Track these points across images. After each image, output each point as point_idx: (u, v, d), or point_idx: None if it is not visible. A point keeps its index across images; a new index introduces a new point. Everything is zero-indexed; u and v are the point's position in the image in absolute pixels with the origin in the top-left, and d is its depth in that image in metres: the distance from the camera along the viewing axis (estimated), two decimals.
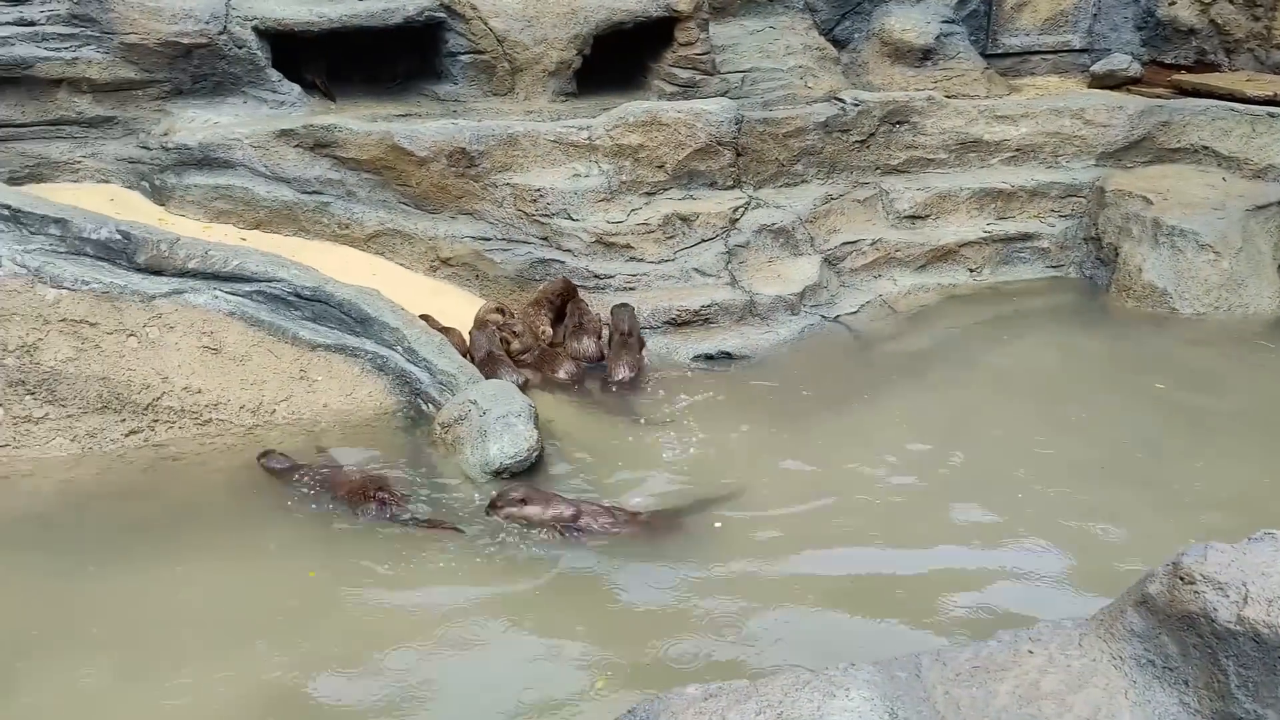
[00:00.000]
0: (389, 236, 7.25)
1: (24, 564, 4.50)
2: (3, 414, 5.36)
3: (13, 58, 6.75)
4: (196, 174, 7.13)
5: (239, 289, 5.91)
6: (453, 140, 7.10)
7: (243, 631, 4.09)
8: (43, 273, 5.62)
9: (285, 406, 5.73)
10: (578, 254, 7.09)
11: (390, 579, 4.45)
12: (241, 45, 7.22)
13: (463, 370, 5.87)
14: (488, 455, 5.12)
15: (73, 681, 3.79)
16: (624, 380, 6.33)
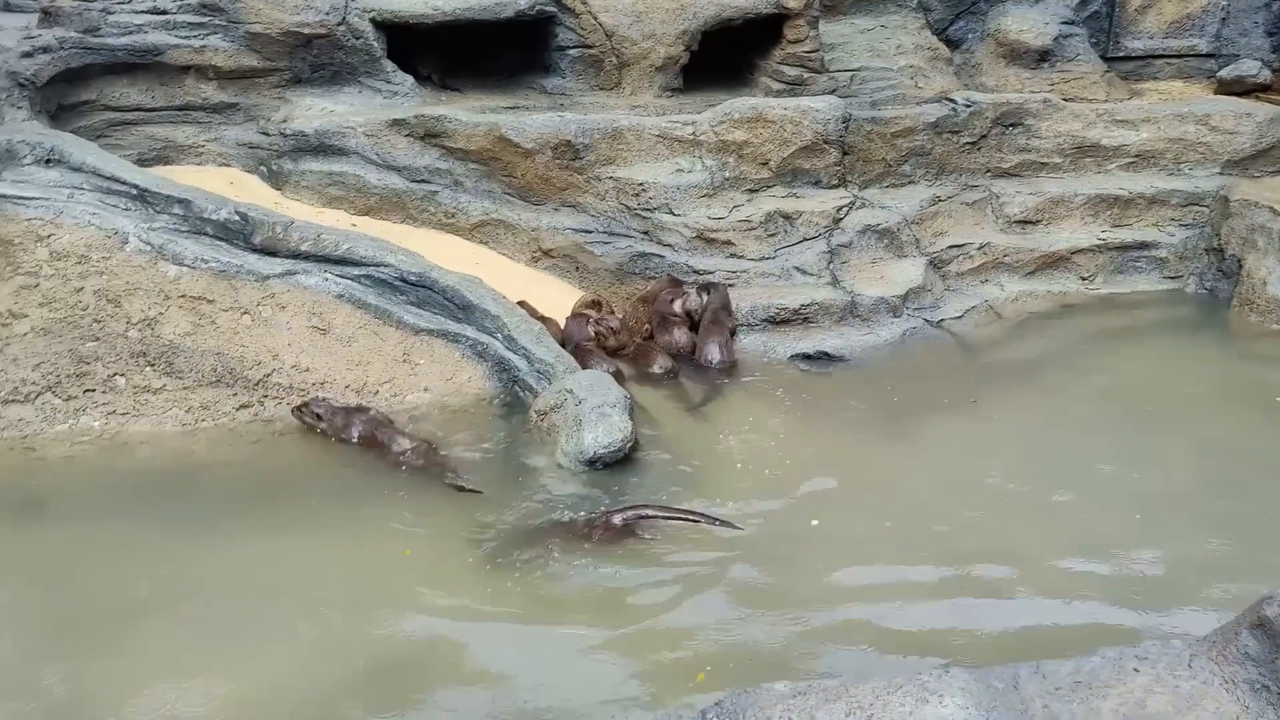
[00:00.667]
0: (493, 226, 7.36)
1: (137, 529, 4.68)
2: (124, 383, 5.61)
3: (145, 45, 7.06)
4: (312, 160, 7.35)
5: (348, 272, 6.08)
6: (558, 133, 7.17)
7: (339, 605, 4.18)
8: (166, 250, 5.87)
9: (388, 388, 5.87)
10: (678, 249, 7.08)
11: (484, 561, 4.51)
12: (359, 36, 7.41)
13: (560, 359, 5.93)
14: (582, 444, 5.15)
15: (174, 642, 3.93)
16: (718, 362, 6.31)
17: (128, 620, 4.05)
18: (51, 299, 5.66)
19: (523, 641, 4.00)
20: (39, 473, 5.09)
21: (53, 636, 3.93)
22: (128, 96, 7.21)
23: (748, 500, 4.96)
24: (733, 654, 3.90)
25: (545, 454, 5.31)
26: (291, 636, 3.99)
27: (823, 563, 4.48)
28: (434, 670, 3.84)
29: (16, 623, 4.02)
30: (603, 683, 3.77)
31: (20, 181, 5.85)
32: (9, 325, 5.57)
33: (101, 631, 3.96)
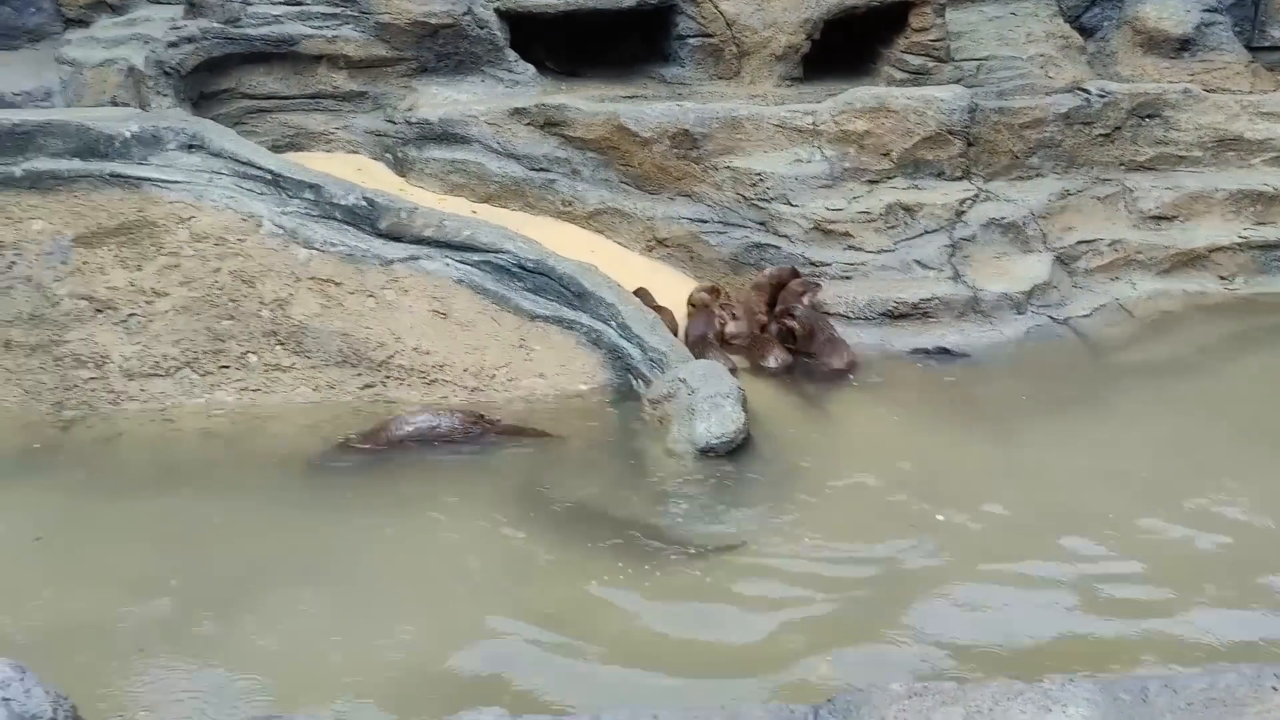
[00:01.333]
0: (609, 215, 7.41)
1: (263, 501, 4.88)
2: (256, 360, 5.85)
3: (282, 35, 7.32)
4: (435, 148, 7.52)
5: (468, 258, 6.20)
6: (676, 122, 7.17)
7: (453, 585, 4.27)
8: (297, 234, 6.08)
9: (504, 372, 5.98)
10: (794, 240, 7.02)
11: (598, 545, 4.56)
12: (483, 26, 7.55)
13: (674, 349, 5.94)
14: (694, 434, 5.16)
15: (293, 613, 4.07)
16: (844, 367, 6.25)
17: (248, 585, 4.22)
18: (191, 278, 5.93)
19: (636, 625, 4.03)
20: (177, 444, 5.36)
21: (188, 603, 4.12)
22: (264, 85, 7.49)
23: (863, 499, 4.89)
24: (846, 655, 3.85)
25: (657, 442, 5.34)
26: (402, 614, 4.08)
27: (942, 565, 4.37)
28: (547, 654, 3.89)
29: (155, 590, 4.23)
30: (719, 666, 3.77)
31: (165, 166, 6.13)
32: (152, 303, 5.86)
33: (235, 599, 4.14)
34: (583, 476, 5.07)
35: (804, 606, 4.13)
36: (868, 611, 4.09)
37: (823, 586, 4.25)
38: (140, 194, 6.00)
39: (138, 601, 4.08)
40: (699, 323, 6.44)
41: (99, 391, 5.67)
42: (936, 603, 4.14)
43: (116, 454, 5.23)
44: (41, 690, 2.66)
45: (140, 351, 5.76)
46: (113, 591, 4.14)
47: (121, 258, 5.92)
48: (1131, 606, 4.13)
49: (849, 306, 6.72)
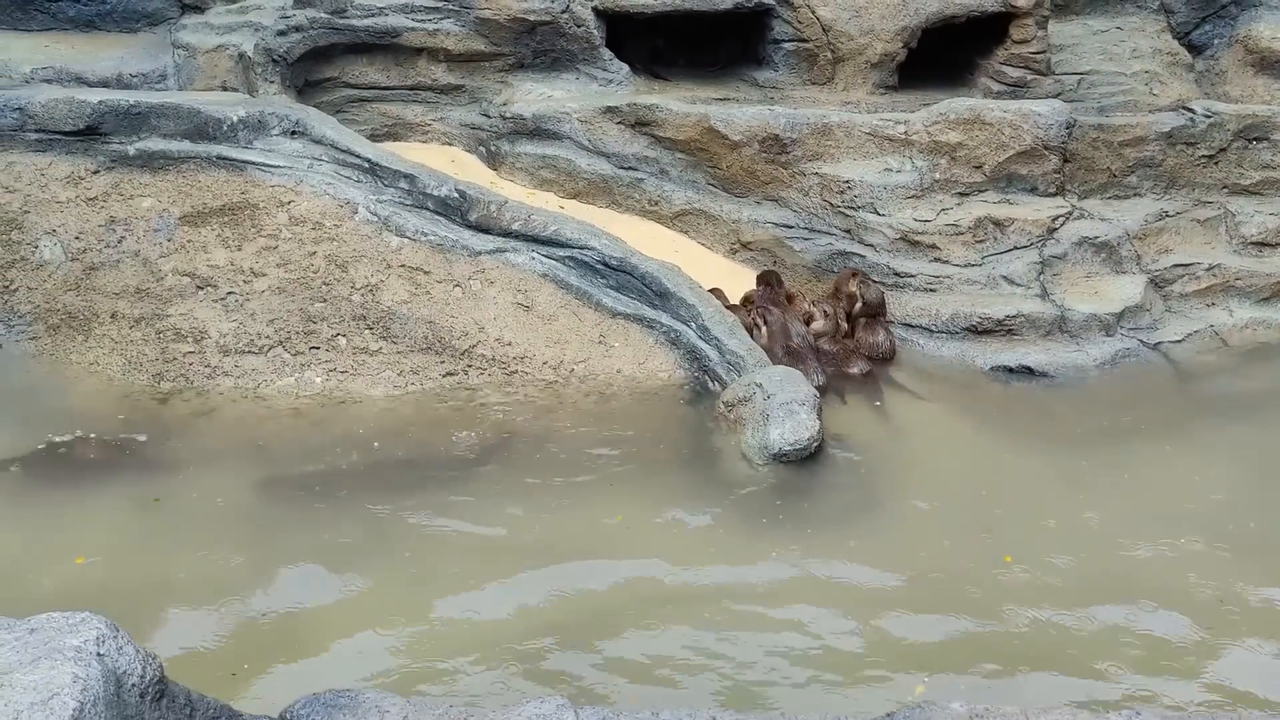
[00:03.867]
0: (694, 216, 7.44)
1: (345, 480, 5.04)
2: (345, 343, 6.03)
3: (386, 27, 7.51)
4: (527, 143, 7.63)
5: (554, 253, 6.31)
6: (767, 126, 7.17)
7: (538, 568, 4.37)
8: (390, 222, 6.25)
9: (583, 367, 6.06)
10: (879, 250, 6.97)
11: (693, 533, 4.62)
12: (580, 24, 7.64)
13: (751, 352, 5.96)
14: (768, 439, 5.18)
15: (375, 591, 4.21)
16: (864, 371, 6.24)
17: (352, 564, 4.37)
18: (287, 261, 6.13)
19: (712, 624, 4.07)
20: (267, 421, 5.56)
21: (265, 571, 4.29)
22: (366, 75, 7.69)
23: (935, 521, 4.83)
24: (914, 677, 3.84)
25: (731, 445, 5.37)
26: (483, 594, 4.20)
27: (1014, 599, 4.28)
28: (628, 642, 3.96)
29: (236, 555, 4.41)
30: (795, 668, 3.79)
31: (269, 150, 6.36)
32: (250, 282, 6.09)
33: (307, 567, 4.30)
34: (654, 476, 5.12)
35: (866, 622, 4.12)
36: (927, 632, 4.06)
37: (885, 603, 4.23)
38: (244, 176, 6.24)
39: (228, 566, 4.26)
40: (792, 329, 6.40)
41: (196, 365, 5.91)
42: (991, 626, 4.09)
43: (210, 427, 5.44)
44: (132, 648, 2.80)
45: (236, 329, 5.99)
46: (202, 556, 4.33)
47: (223, 237, 6.16)
48: (1191, 650, 4.03)
49: (931, 319, 6.65)
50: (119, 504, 4.72)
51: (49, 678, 2.56)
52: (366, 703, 3.03)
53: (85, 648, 2.68)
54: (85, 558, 4.28)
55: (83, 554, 4.30)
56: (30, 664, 2.60)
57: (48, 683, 2.54)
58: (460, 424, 5.57)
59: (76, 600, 2.99)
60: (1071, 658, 3.93)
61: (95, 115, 6.21)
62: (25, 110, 6.19)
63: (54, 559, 4.29)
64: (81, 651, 2.66)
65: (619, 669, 3.81)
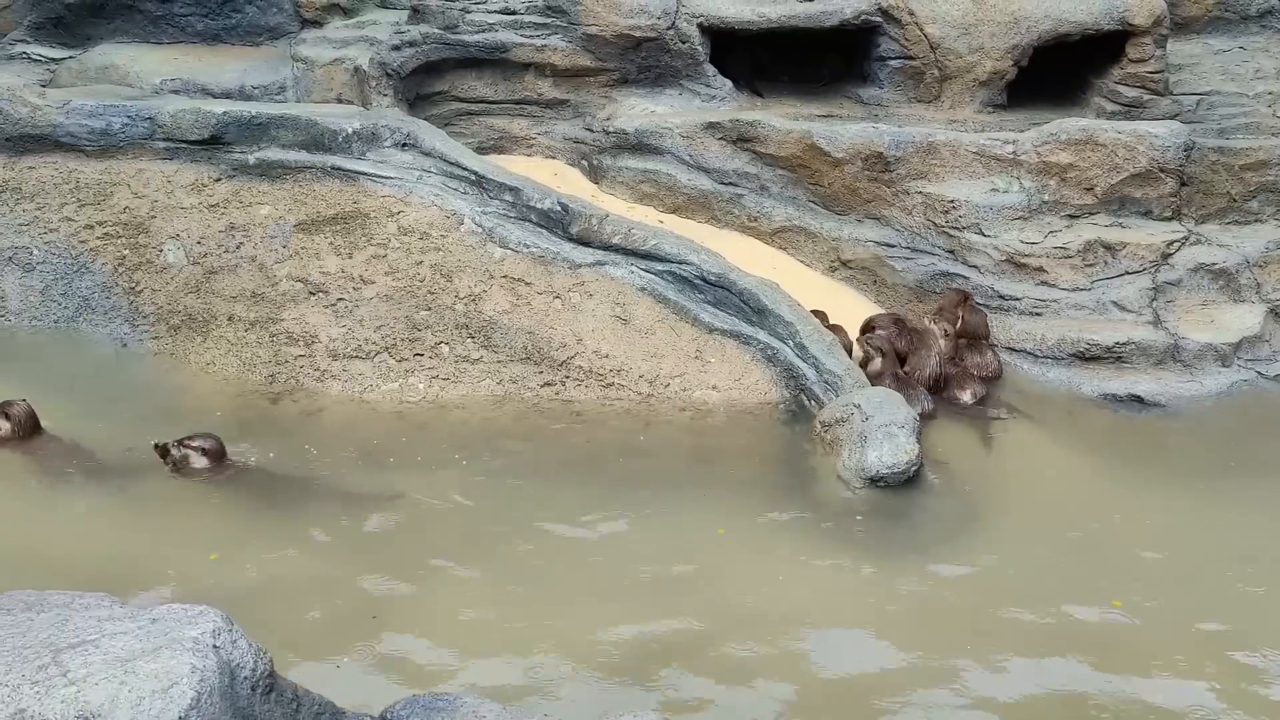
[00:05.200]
0: (793, 233, 7.42)
1: (443, 482, 5.16)
2: (447, 351, 6.16)
3: (495, 42, 7.67)
4: (629, 158, 7.71)
5: (653, 267, 6.36)
6: (871, 144, 7.12)
7: (632, 581, 4.41)
8: (494, 233, 6.37)
9: (679, 382, 6.09)
10: (984, 271, 6.85)
11: (787, 554, 4.62)
12: (685, 40, 7.69)
13: (849, 373, 5.91)
14: (865, 461, 5.13)
15: (460, 590, 4.30)
16: (979, 396, 6.13)
17: (432, 559, 4.48)
18: (395, 269, 6.30)
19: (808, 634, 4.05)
20: (371, 423, 5.72)
21: (368, 570, 4.41)
22: (474, 89, 7.86)
23: (1039, 556, 4.68)
24: None
25: (826, 465, 5.33)
26: (574, 605, 4.24)
27: (1123, 652, 4.05)
28: (726, 656, 3.96)
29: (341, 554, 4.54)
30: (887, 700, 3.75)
31: (380, 162, 6.55)
32: (359, 289, 6.27)
33: (409, 569, 4.41)
34: (747, 494, 5.11)
35: (956, 660, 4.02)
36: (1019, 682, 3.91)
37: (980, 643, 4.11)
38: (356, 187, 6.44)
39: (333, 564, 4.40)
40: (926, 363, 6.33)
41: (306, 369, 6.12)
42: (1091, 682, 3.91)
43: (317, 427, 5.62)
44: (245, 642, 2.91)
45: (345, 334, 6.18)
46: (310, 554, 4.48)
47: (335, 245, 6.36)
48: None
49: (1037, 344, 6.51)
50: (238, 502, 4.91)
51: (169, 667, 2.68)
52: (464, 708, 3.09)
53: (202, 639, 2.80)
54: (217, 553, 4.46)
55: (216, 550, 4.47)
56: (152, 652, 2.72)
57: (168, 671, 2.66)
58: (557, 434, 5.64)
59: (201, 593, 3.11)
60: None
61: (219, 125, 6.48)
62: (155, 120, 6.50)
63: (186, 552, 4.47)
64: (199, 643, 2.78)
65: (711, 685, 3.81)
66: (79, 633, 2.81)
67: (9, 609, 2.92)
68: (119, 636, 2.79)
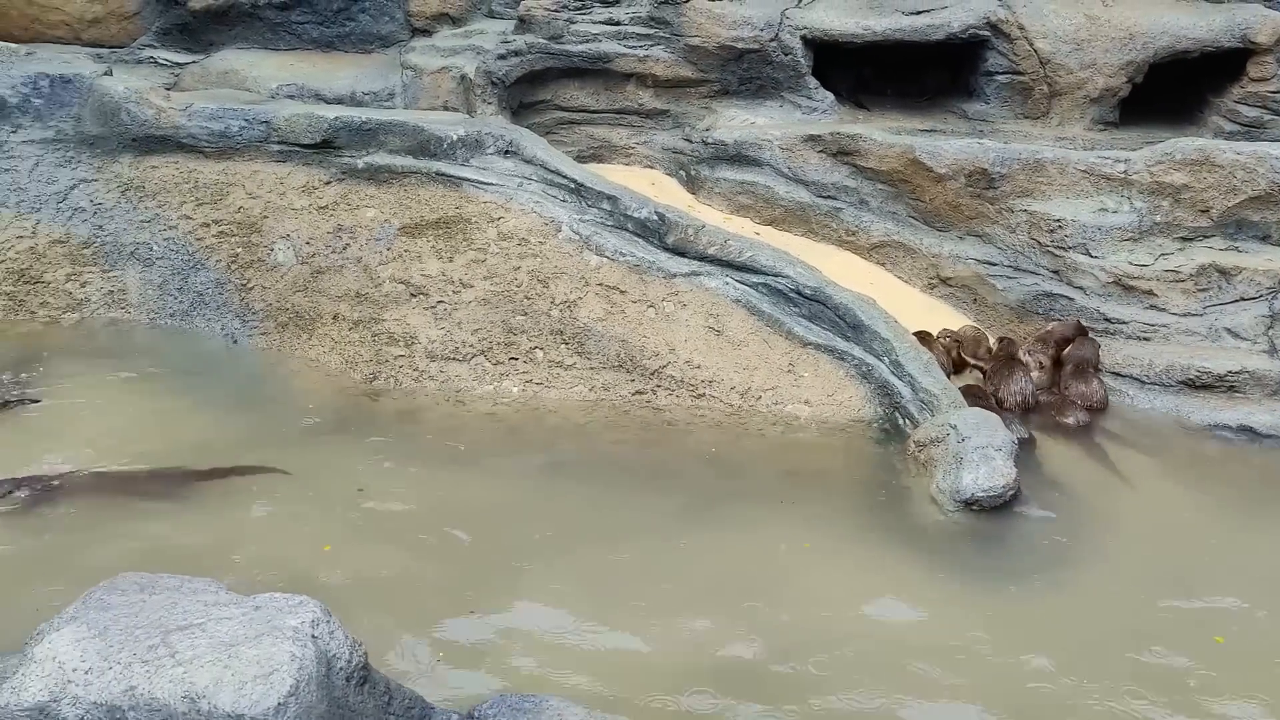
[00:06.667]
0: (892, 248, 7.32)
1: (537, 486, 5.22)
2: (541, 356, 6.25)
3: (598, 52, 7.76)
4: (727, 168, 7.71)
5: (748, 279, 6.34)
6: (975, 160, 6.98)
7: (718, 593, 4.39)
8: (591, 241, 6.44)
9: (770, 395, 6.06)
10: (1089, 293, 6.65)
11: (876, 574, 4.57)
12: (788, 52, 7.66)
13: (946, 392, 5.80)
14: (960, 483, 5.02)
15: (548, 593, 4.34)
16: (1083, 423, 5.96)
17: (518, 560, 4.54)
18: (494, 274, 6.41)
19: (883, 668, 4.00)
20: (466, 425, 5.82)
21: (461, 569, 4.49)
22: (576, 98, 7.97)
23: (1140, 589, 4.53)
24: None
25: (919, 486, 5.24)
26: (657, 616, 4.25)
27: (1224, 691, 3.92)
28: (813, 673, 3.94)
29: (443, 552, 4.64)
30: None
31: (483, 169, 6.67)
32: (459, 292, 6.40)
33: (499, 570, 4.47)
34: (838, 511, 5.06)
35: (1044, 695, 3.92)
36: (1121, 712, 3.81)
37: (1073, 677, 3.99)
38: (459, 192, 6.57)
39: (427, 561, 4.50)
40: (1020, 384, 6.21)
41: (405, 368, 6.26)
42: (1179, 705, 3.80)
43: (414, 426, 5.75)
44: (342, 634, 2.99)
45: (444, 336, 6.31)
46: (405, 550, 4.58)
47: (437, 248, 6.50)
48: None
49: (1144, 370, 6.30)
50: (335, 487, 5.06)
51: (270, 653, 2.77)
52: (550, 710, 3.13)
53: (302, 629, 2.89)
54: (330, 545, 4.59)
55: (332, 544, 4.61)
56: (255, 639, 2.82)
57: (269, 658, 2.76)
58: (647, 443, 5.66)
59: (308, 584, 3.19)
60: None
61: (331, 130, 6.68)
62: (270, 124, 6.73)
63: (298, 542, 4.61)
64: (299, 632, 2.87)
65: (794, 704, 3.78)
66: (187, 616, 2.92)
67: (123, 590, 3.05)
68: (224, 622, 2.90)
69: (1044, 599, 4.46)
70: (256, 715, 2.61)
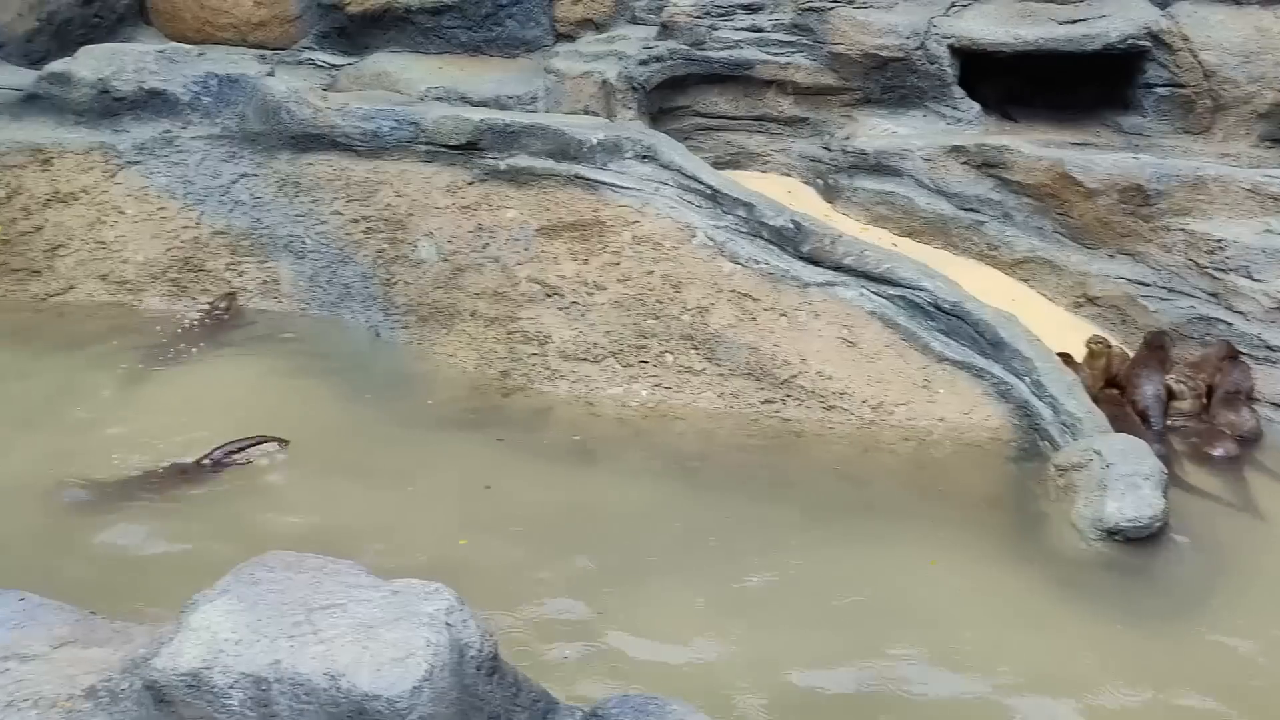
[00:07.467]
0: (1036, 265, 7.08)
1: (663, 490, 5.25)
2: (671, 360, 6.27)
3: (739, 59, 7.75)
4: (865, 178, 7.59)
5: (884, 291, 6.23)
6: (1130, 176, 6.70)
7: (843, 608, 4.34)
8: (725, 247, 6.43)
9: (903, 410, 5.93)
10: (1250, 318, 6.29)
11: (1007, 601, 4.44)
12: (934, 61, 7.50)
13: (1090, 416, 5.57)
14: (1103, 512, 4.81)
15: (672, 599, 4.34)
16: (1232, 455, 5.64)
17: (640, 573, 4.56)
18: (627, 277, 6.47)
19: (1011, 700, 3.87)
20: (594, 426, 5.88)
21: (587, 570, 4.55)
22: (715, 105, 7.97)
23: None
24: None
25: (1058, 512, 5.05)
26: (789, 634, 4.21)
27: None
28: (930, 700, 3.85)
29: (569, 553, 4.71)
30: None
31: (620, 173, 6.73)
32: (592, 294, 6.48)
33: (625, 573, 4.51)
34: (970, 533, 4.92)
35: None
36: None
37: (1225, 715, 3.80)
38: (596, 196, 6.65)
39: (554, 559, 4.56)
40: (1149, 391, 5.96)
41: (538, 367, 6.38)
42: None
43: (545, 425, 5.85)
44: (475, 622, 3.05)
45: (577, 336, 6.40)
46: (532, 547, 4.66)
47: (572, 250, 6.60)
48: None
49: None
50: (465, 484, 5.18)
51: (406, 638, 2.85)
52: (674, 714, 3.13)
53: (437, 615, 2.96)
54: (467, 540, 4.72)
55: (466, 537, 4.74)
56: (392, 622, 2.91)
57: (405, 641, 2.84)
58: (774, 452, 5.62)
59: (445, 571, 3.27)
60: None
61: (476, 132, 6.85)
62: (419, 125, 6.95)
63: (433, 534, 4.76)
64: (434, 618, 2.94)
65: None
66: (329, 596, 3.03)
67: (271, 566, 3.18)
68: (364, 604, 2.99)
69: (1189, 638, 4.24)
70: (392, 697, 2.69)
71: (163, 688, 2.80)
